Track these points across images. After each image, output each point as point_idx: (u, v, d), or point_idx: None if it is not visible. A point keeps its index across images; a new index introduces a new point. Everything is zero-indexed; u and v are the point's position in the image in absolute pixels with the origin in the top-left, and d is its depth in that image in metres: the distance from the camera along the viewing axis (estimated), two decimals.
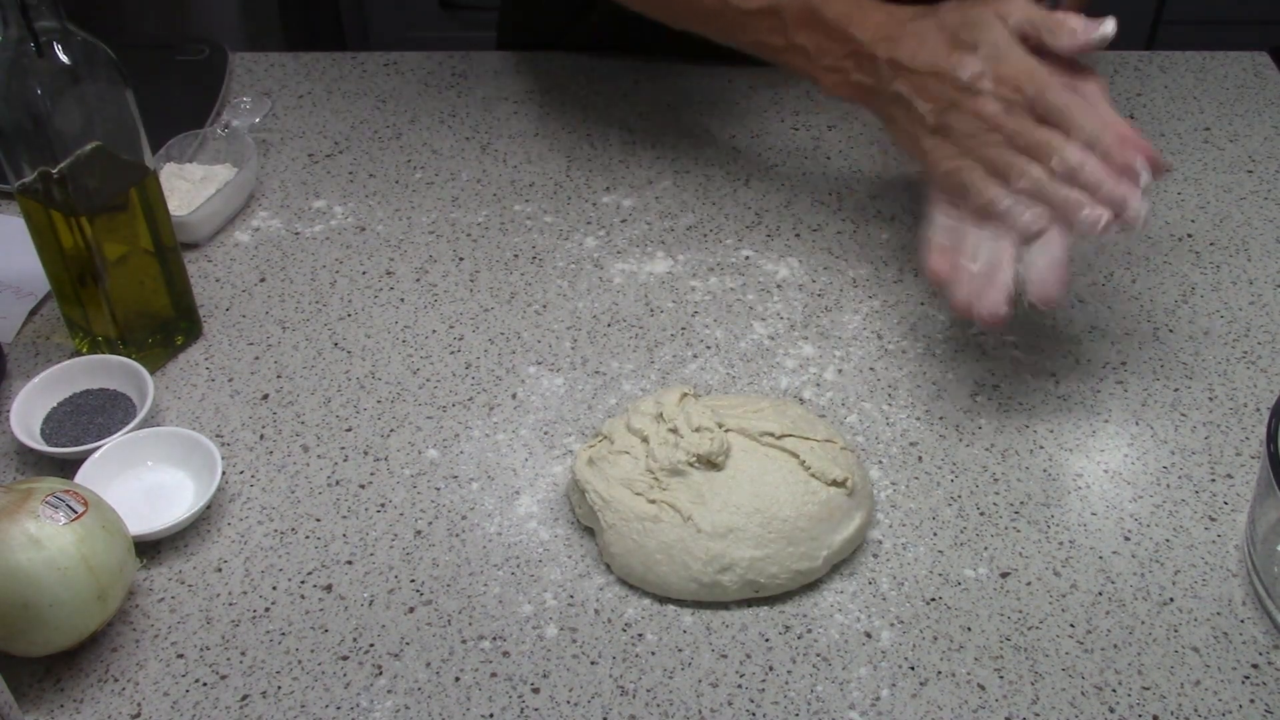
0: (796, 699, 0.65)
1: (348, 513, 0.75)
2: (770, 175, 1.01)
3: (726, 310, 0.89)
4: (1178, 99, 1.10)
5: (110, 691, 0.66)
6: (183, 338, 0.86)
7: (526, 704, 0.65)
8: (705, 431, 0.71)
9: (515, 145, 1.05)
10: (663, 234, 0.95)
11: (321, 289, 0.91)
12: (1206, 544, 0.73)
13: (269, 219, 0.97)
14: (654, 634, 0.68)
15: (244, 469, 0.78)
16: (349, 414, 0.81)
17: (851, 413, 0.81)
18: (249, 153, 0.98)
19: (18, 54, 0.72)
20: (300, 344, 0.87)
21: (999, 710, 0.64)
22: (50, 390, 0.80)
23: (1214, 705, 0.65)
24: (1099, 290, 0.90)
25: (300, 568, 0.72)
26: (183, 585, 0.71)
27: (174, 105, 1.05)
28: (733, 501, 0.69)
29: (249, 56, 1.16)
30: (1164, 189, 1.00)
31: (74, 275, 0.80)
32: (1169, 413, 0.81)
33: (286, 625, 0.69)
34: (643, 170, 1.02)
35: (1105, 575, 0.71)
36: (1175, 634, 0.68)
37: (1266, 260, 0.93)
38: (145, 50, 1.13)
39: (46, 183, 0.76)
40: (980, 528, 0.74)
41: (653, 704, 0.65)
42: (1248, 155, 1.03)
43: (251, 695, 0.66)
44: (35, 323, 0.88)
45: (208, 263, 0.93)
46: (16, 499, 0.64)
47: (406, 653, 0.67)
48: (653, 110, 1.08)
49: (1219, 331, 0.87)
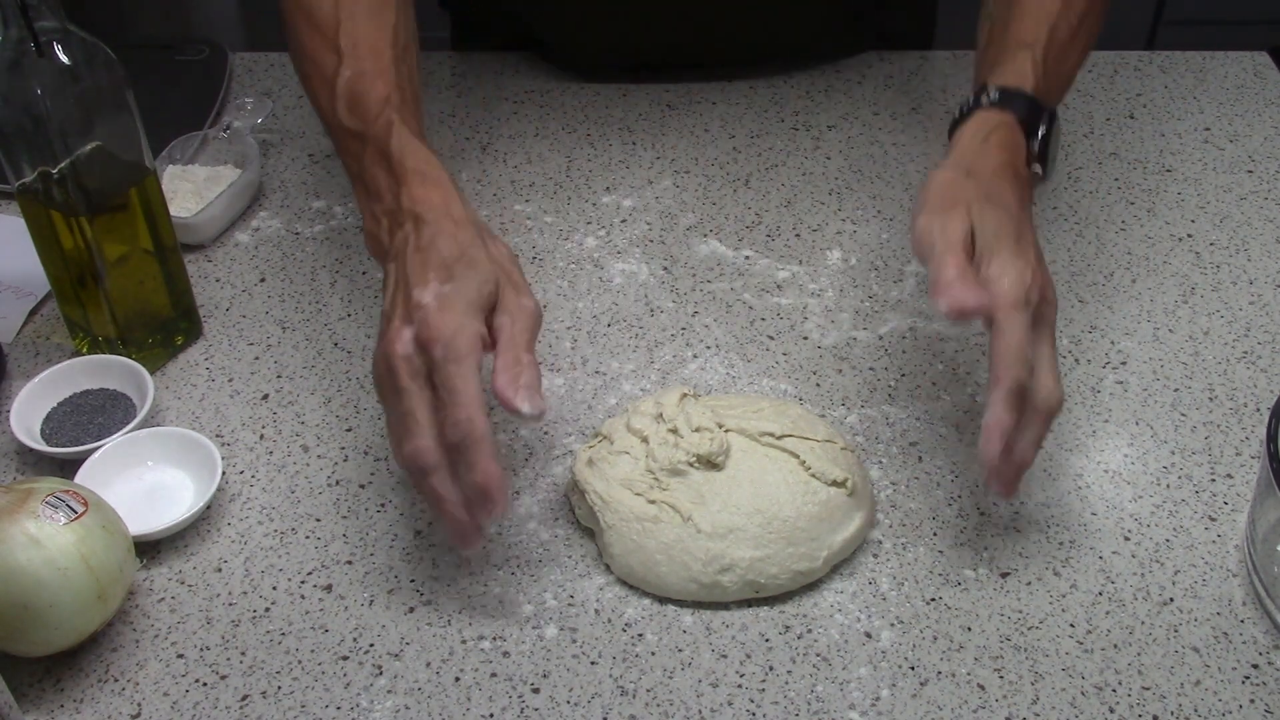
0: (796, 699, 0.65)
1: (348, 513, 0.75)
2: (770, 175, 1.01)
3: (726, 310, 0.89)
4: (1178, 99, 1.10)
5: (110, 691, 0.66)
6: (183, 338, 0.86)
7: (526, 704, 0.65)
8: (705, 432, 0.71)
9: (515, 145, 1.04)
10: (663, 234, 0.95)
11: (321, 289, 0.91)
12: (1206, 544, 0.73)
13: (269, 219, 0.97)
14: (654, 634, 0.68)
15: (244, 469, 0.78)
16: (349, 414, 0.81)
17: (851, 413, 0.81)
18: (252, 154, 0.98)
19: (18, 54, 0.72)
20: (300, 344, 0.87)
21: (999, 710, 0.64)
22: (50, 390, 0.80)
23: (1214, 705, 0.65)
24: (1099, 290, 0.90)
25: (300, 568, 0.72)
26: (183, 585, 0.71)
27: (174, 105, 1.05)
28: (733, 502, 0.69)
29: (249, 56, 1.16)
30: (1164, 189, 1.00)
31: (74, 275, 0.80)
32: (1169, 413, 0.81)
33: (286, 625, 0.69)
34: (643, 170, 1.02)
35: (1105, 575, 0.71)
36: (1175, 634, 0.68)
37: (1266, 260, 0.93)
38: (145, 50, 1.13)
39: (46, 183, 0.76)
40: (980, 528, 0.74)
41: (653, 704, 0.65)
42: (1248, 155, 1.03)
43: (251, 695, 0.66)
44: (35, 323, 0.88)
45: (208, 263, 0.93)
46: (16, 499, 0.64)
47: (406, 653, 0.67)
48: (653, 110, 1.08)
49: (1219, 331, 0.87)
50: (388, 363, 0.66)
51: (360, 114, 0.75)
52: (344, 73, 0.77)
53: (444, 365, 0.64)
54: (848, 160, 1.02)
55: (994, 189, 0.72)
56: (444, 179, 0.73)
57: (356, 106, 0.76)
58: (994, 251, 0.68)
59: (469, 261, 0.68)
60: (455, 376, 0.64)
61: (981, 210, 0.70)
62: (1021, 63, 0.78)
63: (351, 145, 0.76)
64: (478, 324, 0.66)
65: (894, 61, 1.13)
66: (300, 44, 0.81)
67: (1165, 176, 1.01)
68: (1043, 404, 0.67)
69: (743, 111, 1.08)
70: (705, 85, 1.10)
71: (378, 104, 0.75)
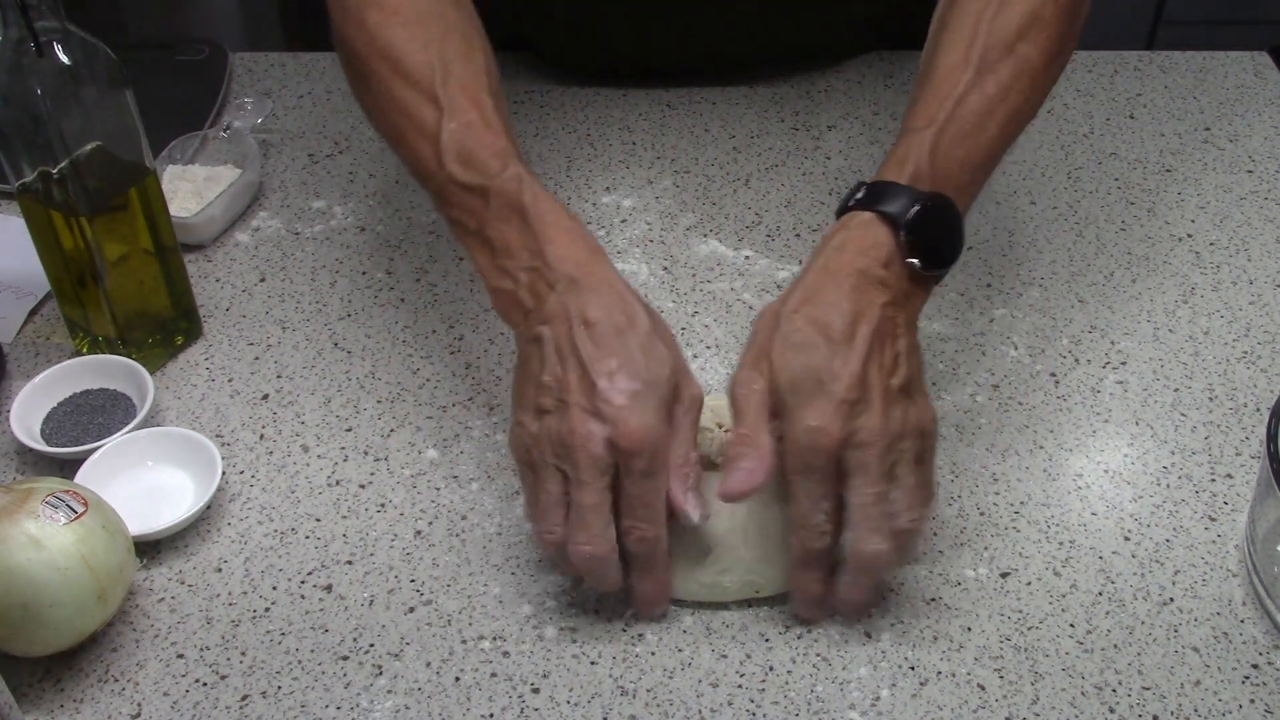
0: (796, 699, 0.65)
1: (348, 513, 0.75)
2: (770, 175, 1.01)
3: (726, 310, 0.89)
4: (1178, 99, 1.10)
5: (110, 691, 0.66)
6: (183, 338, 0.86)
7: (526, 704, 0.65)
8: (705, 432, 0.71)
9: None
10: (663, 234, 0.95)
11: (321, 289, 0.91)
12: (1206, 544, 0.73)
13: (269, 219, 0.97)
14: (654, 634, 0.68)
15: (244, 469, 0.78)
16: (349, 414, 0.81)
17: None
18: (252, 154, 0.98)
19: (18, 54, 0.72)
20: (300, 344, 0.87)
21: (999, 710, 0.64)
22: (50, 390, 0.80)
23: (1214, 705, 0.65)
24: (1099, 290, 0.90)
25: (300, 568, 0.72)
26: (183, 585, 0.71)
27: (174, 105, 1.05)
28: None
29: (249, 56, 1.16)
30: (1164, 189, 1.00)
31: (74, 275, 0.80)
32: (1169, 413, 0.81)
33: (286, 625, 0.69)
34: (643, 170, 1.02)
35: (1105, 575, 0.71)
36: (1175, 634, 0.68)
37: (1266, 260, 0.93)
38: (145, 50, 1.14)
39: (46, 183, 0.76)
40: (980, 528, 0.74)
41: (653, 704, 0.65)
42: (1248, 155, 1.03)
43: (251, 695, 0.66)
44: (35, 323, 0.88)
45: (208, 263, 0.93)
46: (16, 499, 0.64)
47: (406, 653, 0.67)
48: (653, 110, 1.08)
49: (1219, 331, 0.87)
50: (567, 447, 0.63)
51: (478, 167, 0.71)
52: (448, 125, 0.71)
53: (642, 480, 0.63)
54: (848, 160, 1.02)
55: (812, 321, 0.65)
56: (588, 237, 0.69)
57: (471, 160, 0.71)
58: (789, 407, 0.64)
59: (652, 353, 0.65)
60: (651, 493, 0.63)
61: (783, 358, 0.65)
62: (905, 146, 0.71)
63: (468, 201, 0.71)
64: (668, 429, 0.64)
65: (894, 61, 1.13)
66: (386, 91, 0.74)
67: (1165, 176, 1.01)
68: (855, 558, 0.64)
69: (743, 112, 1.08)
70: (705, 86, 1.10)
71: (496, 156, 0.71)
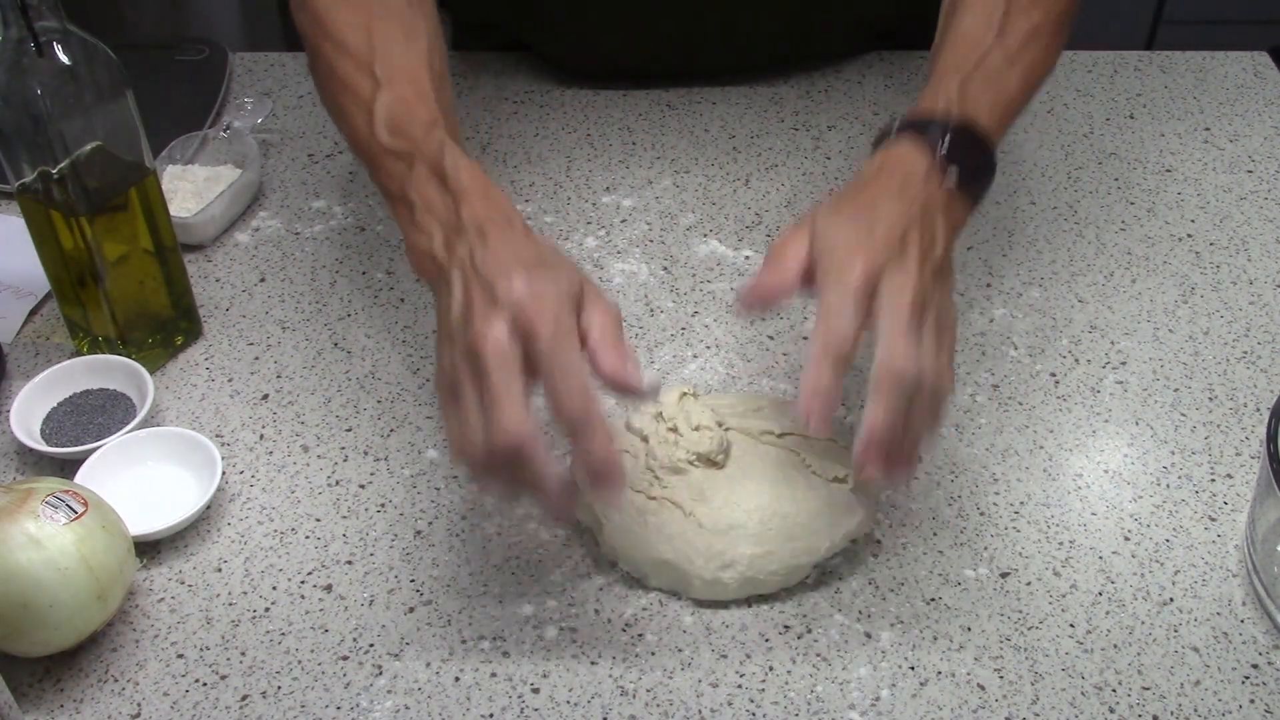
0: (796, 699, 0.65)
1: (348, 513, 0.75)
2: (770, 175, 1.01)
3: (726, 310, 0.89)
4: (1178, 99, 1.10)
5: (110, 691, 0.66)
6: (183, 338, 0.86)
7: (526, 704, 0.65)
8: (705, 430, 0.71)
9: (515, 145, 1.04)
10: (662, 234, 0.95)
11: (321, 289, 0.91)
12: (1206, 544, 0.73)
13: (269, 219, 0.97)
14: (654, 634, 0.68)
15: (244, 469, 0.78)
16: (349, 414, 0.81)
17: (851, 413, 0.81)
18: (252, 154, 0.98)
19: (18, 54, 0.72)
20: (300, 344, 0.87)
21: (999, 710, 0.64)
22: (50, 390, 0.80)
23: (1214, 705, 0.65)
24: (1099, 290, 0.90)
25: (300, 568, 0.72)
26: (183, 585, 0.71)
27: (174, 105, 1.05)
28: (733, 498, 0.69)
29: (249, 56, 1.16)
30: (1164, 189, 1.00)
31: (74, 275, 0.80)
32: (1169, 413, 0.81)
33: (286, 625, 0.69)
34: (643, 170, 1.02)
35: (1105, 575, 0.71)
36: (1175, 634, 0.68)
37: (1266, 260, 0.93)
38: (145, 50, 1.13)
39: (46, 183, 0.76)
40: (980, 528, 0.74)
41: (653, 704, 0.65)
42: (1248, 155, 1.03)
43: (251, 695, 0.66)
44: (35, 323, 0.88)
45: (208, 263, 0.93)
46: (16, 499, 0.64)
47: (406, 653, 0.67)
48: (653, 110, 1.08)
49: (1219, 331, 0.87)
50: (473, 353, 0.62)
51: (405, 135, 0.72)
52: (383, 96, 0.73)
53: (551, 353, 0.61)
54: (848, 160, 1.02)
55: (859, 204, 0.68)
56: (503, 198, 0.70)
57: (400, 128, 0.72)
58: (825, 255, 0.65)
59: (551, 263, 0.65)
60: (567, 360, 0.61)
61: (825, 221, 0.67)
62: (934, 89, 0.74)
63: (393, 166, 0.72)
64: (574, 319, 0.63)
65: (894, 61, 1.13)
66: (330, 67, 0.76)
67: (1165, 176, 1.01)
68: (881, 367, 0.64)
69: (742, 112, 1.08)
70: (705, 86, 1.10)
71: (424, 126, 0.72)
